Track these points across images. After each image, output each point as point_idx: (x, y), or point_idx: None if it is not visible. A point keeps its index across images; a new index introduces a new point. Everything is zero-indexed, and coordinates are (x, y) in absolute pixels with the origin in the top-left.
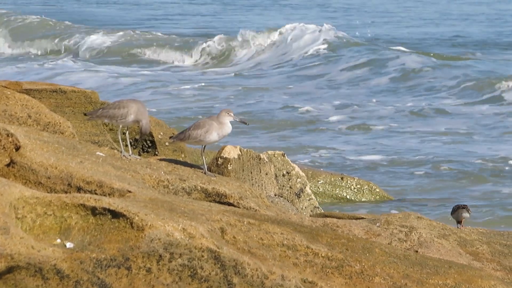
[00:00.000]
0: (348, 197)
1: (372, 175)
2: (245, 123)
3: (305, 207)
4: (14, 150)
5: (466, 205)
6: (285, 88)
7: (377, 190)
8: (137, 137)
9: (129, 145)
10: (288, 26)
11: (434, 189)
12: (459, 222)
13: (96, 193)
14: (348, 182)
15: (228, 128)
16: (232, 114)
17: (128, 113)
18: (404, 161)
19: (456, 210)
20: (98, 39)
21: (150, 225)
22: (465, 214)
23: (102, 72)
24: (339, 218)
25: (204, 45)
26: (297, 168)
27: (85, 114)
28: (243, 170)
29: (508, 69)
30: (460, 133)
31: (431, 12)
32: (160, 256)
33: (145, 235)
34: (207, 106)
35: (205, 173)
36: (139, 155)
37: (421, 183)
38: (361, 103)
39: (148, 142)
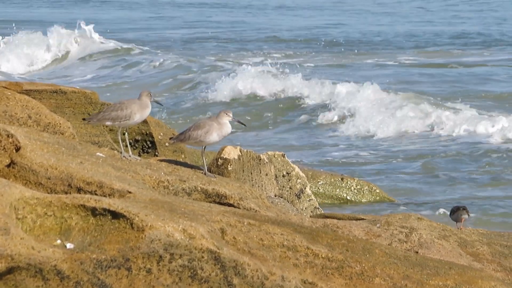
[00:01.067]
0: (348, 198)
1: (372, 176)
2: (243, 124)
3: (305, 208)
4: (14, 151)
5: (465, 206)
6: None
7: (377, 191)
8: (137, 137)
9: (128, 146)
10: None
11: (434, 190)
12: (458, 223)
13: (96, 194)
14: (348, 182)
15: (228, 128)
16: (230, 115)
17: (132, 112)
18: (404, 162)
19: (455, 211)
20: None
21: (150, 225)
22: (464, 216)
23: None
24: (339, 219)
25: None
26: (297, 169)
27: (83, 119)
28: (243, 171)
29: None
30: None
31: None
32: (160, 256)
33: (145, 235)
34: None
35: (205, 174)
36: (139, 155)
37: (421, 184)
38: None
39: (148, 142)
